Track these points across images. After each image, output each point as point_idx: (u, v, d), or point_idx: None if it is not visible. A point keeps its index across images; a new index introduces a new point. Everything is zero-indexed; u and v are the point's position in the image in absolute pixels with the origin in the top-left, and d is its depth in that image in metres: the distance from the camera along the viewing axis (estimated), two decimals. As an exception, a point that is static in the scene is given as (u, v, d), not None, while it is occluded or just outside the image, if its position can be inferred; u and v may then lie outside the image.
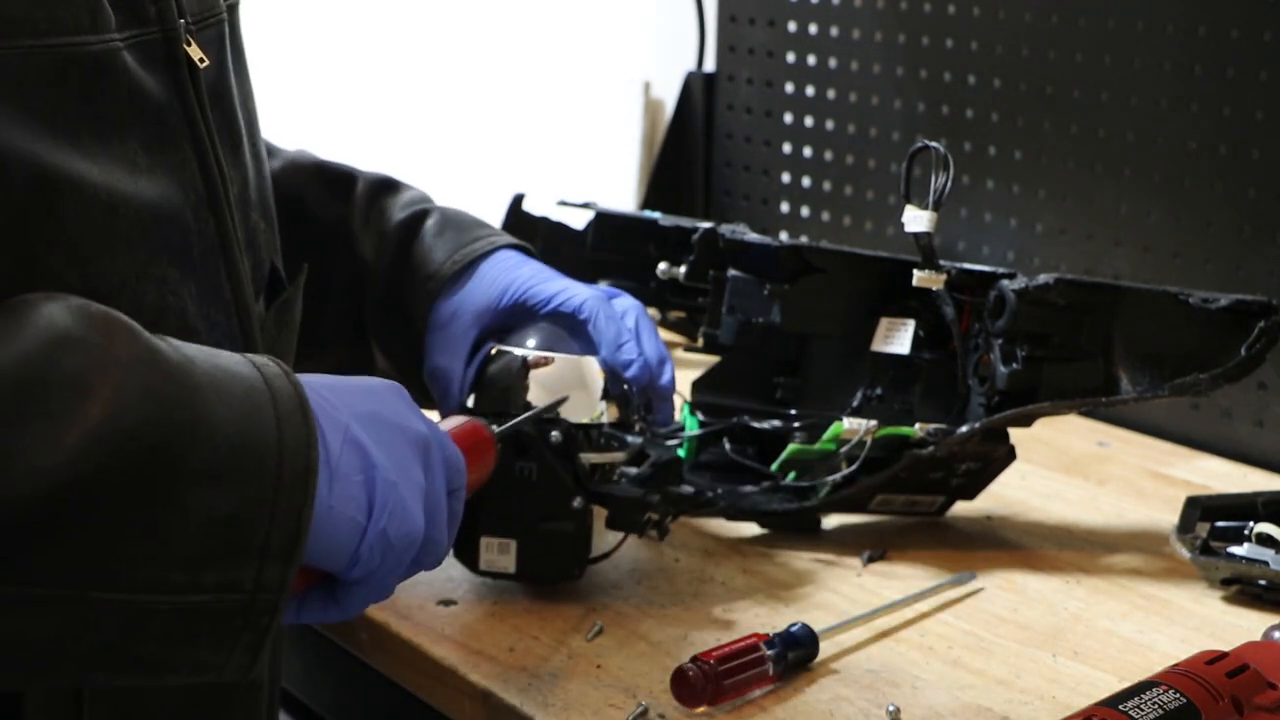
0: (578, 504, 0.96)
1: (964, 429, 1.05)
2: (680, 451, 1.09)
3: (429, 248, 1.02)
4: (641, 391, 1.01)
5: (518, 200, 1.26)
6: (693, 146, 1.73)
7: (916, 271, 1.06)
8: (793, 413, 1.14)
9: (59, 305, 0.63)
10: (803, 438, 1.10)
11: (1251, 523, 1.04)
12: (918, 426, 1.06)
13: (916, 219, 1.03)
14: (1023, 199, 1.44)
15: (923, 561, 1.07)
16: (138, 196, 0.72)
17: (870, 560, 1.07)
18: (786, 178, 1.66)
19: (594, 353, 1.00)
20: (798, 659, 0.90)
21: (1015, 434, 1.10)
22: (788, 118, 1.64)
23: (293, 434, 0.66)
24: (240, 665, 0.66)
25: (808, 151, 1.63)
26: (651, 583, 1.02)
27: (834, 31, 1.57)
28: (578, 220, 1.24)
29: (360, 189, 1.05)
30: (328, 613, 0.72)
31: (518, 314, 1.01)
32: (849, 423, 1.06)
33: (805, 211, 1.64)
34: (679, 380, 1.04)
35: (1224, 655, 0.81)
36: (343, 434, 0.69)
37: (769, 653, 0.88)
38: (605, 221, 1.24)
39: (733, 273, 1.15)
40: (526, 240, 1.10)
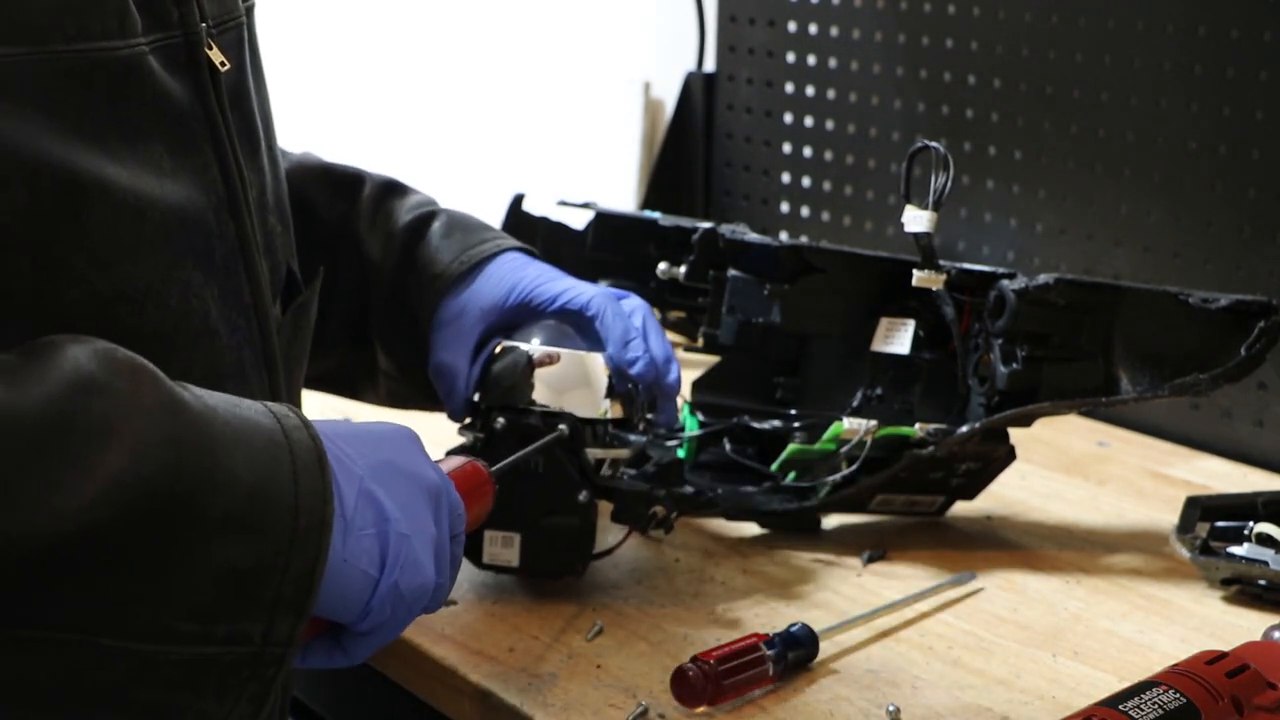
0: (583, 498, 0.96)
1: (964, 429, 1.05)
2: (680, 452, 1.09)
3: (436, 249, 1.03)
4: (647, 389, 1.01)
5: (518, 200, 1.26)
6: (693, 146, 1.73)
7: (916, 271, 1.06)
8: (793, 413, 1.14)
9: (84, 349, 0.63)
10: (803, 438, 1.10)
11: (1251, 523, 1.04)
12: (918, 426, 1.06)
13: (916, 219, 1.03)
14: (1023, 199, 1.44)
15: (923, 561, 1.07)
16: (163, 200, 0.72)
17: (870, 560, 1.07)
18: (786, 178, 1.66)
19: (600, 350, 1.00)
20: (798, 659, 0.90)
21: (1015, 434, 1.10)
22: (788, 118, 1.64)
23: (309, 488, 0.66)
24: (243, 716, 0.65)
25: (808, 151, 1.63)
26: (651, 583, 1.02)
27: (834, 31, 1.57)
28: (578, 220, 1.24)
29: (367, 191, 1.06)
30: (333, 660, 0.72)
31: (523, 313, 1.01)
32: (849, 423, 1.06)
33: (805, 211, 1.64)
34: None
35: (1224, 655, 0.81)
36: (358, 486, 0.70)
37: (769, 653, 0.88)
38: (605, 221, 1.25)
39: (733, 273, 1.15)
40: (527, 240, 1.10)
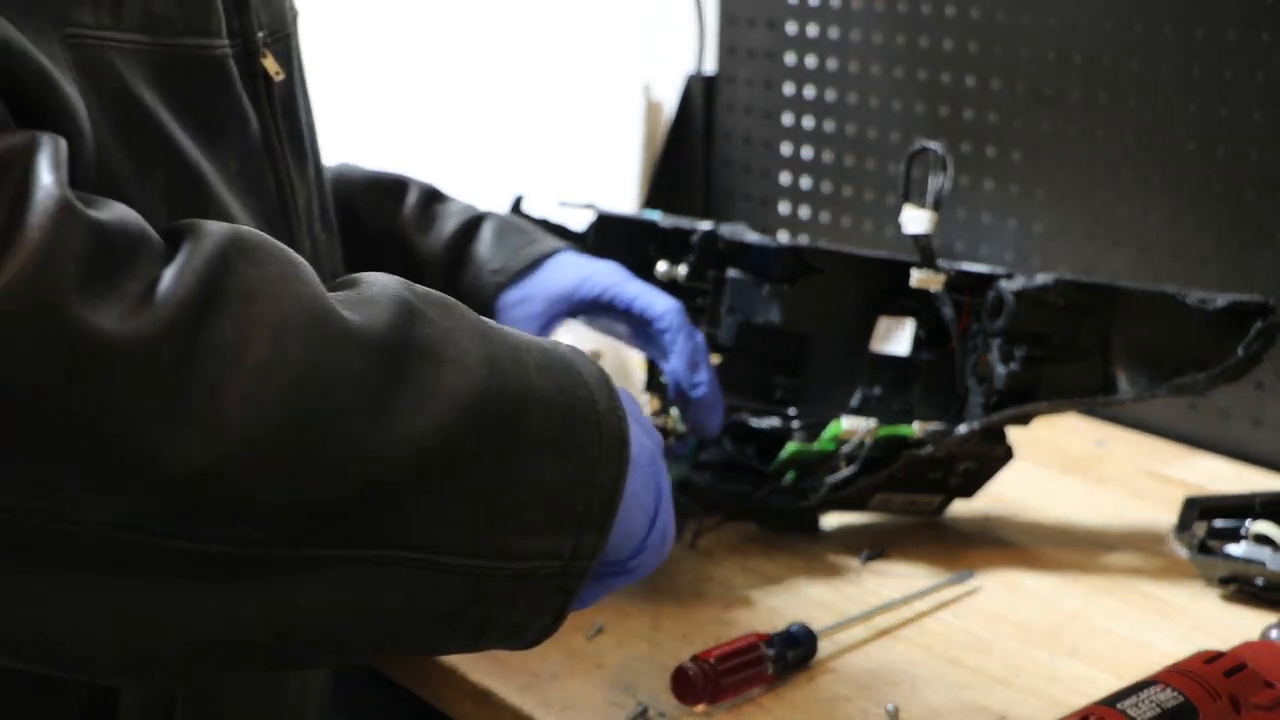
0: None
1: (963, 429, 1.05)
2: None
3: (492, 246, 1.06)
4: (692, 411, 1.05)
5: (518, 201, 1.27)
6: (693, 148, 1.73)
7: (915, 272, 1.06)
8: (792, 412, 1.14)
9: (390, 279, 0.64)
10: (802, 437, 1.11)
11: (1249, 522, 1.04)
12: (917, 426, 1.06)
13: (915, 220, 1.03)
14: (1021, 200, 1.45)
15: (921, 560, 1.08)
16: (235, 203, 0.73)
17: (869, 559, 1.08)
18: (786, 179, 1.66)
19: (639, 347, 1.02)
20: (797, 658, 0.91)
21: (1014, 433, 1.10)
22: (787, 119, 1.64)
23: (607, 406, 0.66)
24: (544, 629, 0.66)
25: (807, 153, 1.63)
26: (651, 582, 1.03)
27: (833, 33, 1.57)
28: (578, 221, 1.24)
29: (413, 196, 1.09)
30: (596, 593, 0.72)
31: (591, 306, 1.05)
32: (848, 422, 1.07)
33: (805, 212, 1.64)
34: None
35: (1222, 654, 0.81)
36: (633, 417, 0.70)
37: (768, 652, 0.89)
38: (606, 222, 1.25)
39: (732, 273, 1.15)
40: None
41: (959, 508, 1.15)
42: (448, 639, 0.64)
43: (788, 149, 1.65)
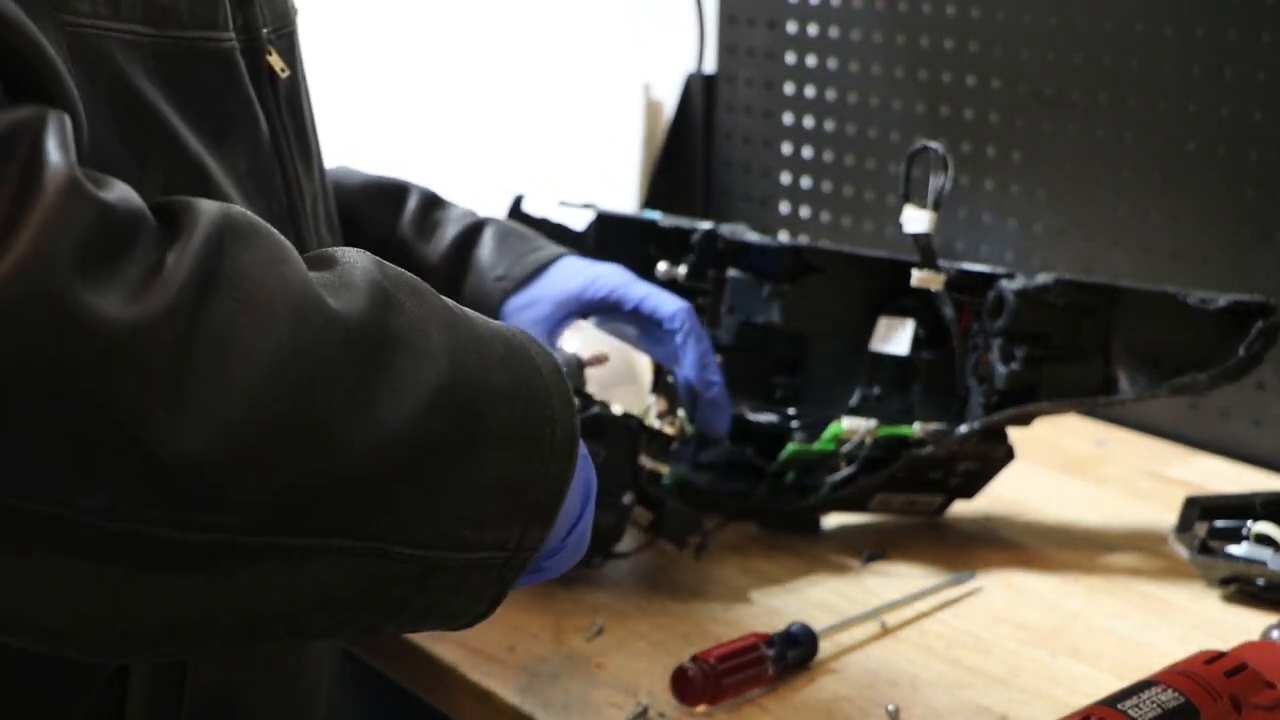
0: (627, 500, 0.97)
1: (963, 429, 1.05)
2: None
3: (494, 253, 1.06)
4: (701, 412, 1.05)
5: (518, 201, 1.26)
6: (693, 147, 1.73)
7: (916, 272, 1.06)
8: (792, 412, 1.14)
9: (363, 258, 0.63)
10: (802, 437, 1.11)
11: (1249, 522, 1.04)
12: (917, 426, 1.06)
13: (916, 219, 1.03)
14: (1021, 199, 1.45)
15: (922, 561, 1.08)
16: (243, 203, 0.73)
17: (870, 559, 1.08)
18: (786, 178, 1.66)
19: (658, 356, 1.04)
20: (797, 658, 0.90)
21: (1014, 433, 1.10)
22: (787, 118, 1.64)
23: (560, 400, 0.66)
24: (479, 614, 0.67)
25: (807, 152, 1.63)
26: (651, 582, 1.03)
27: (833, 33, 1.57)
28: (578, 221, 1.24)
29: (413, 201, 1.09)
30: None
31: (598, 307, 1.05)
32: (848, 422, 1.07)
33: (805, 212, 1.64)
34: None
35: (1222, 654, 0.81)
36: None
37: (769, 652, 0.89)
38: (606, 222, 1.25)
39: (732, 273, 1.15)
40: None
41: (959, 508, 1.15)
42: (390, 621, 0.65)
43: (788, 149, 1.65)
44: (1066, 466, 1.28)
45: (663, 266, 1.20)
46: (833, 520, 1.14)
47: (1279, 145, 1.25)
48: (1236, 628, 0.97)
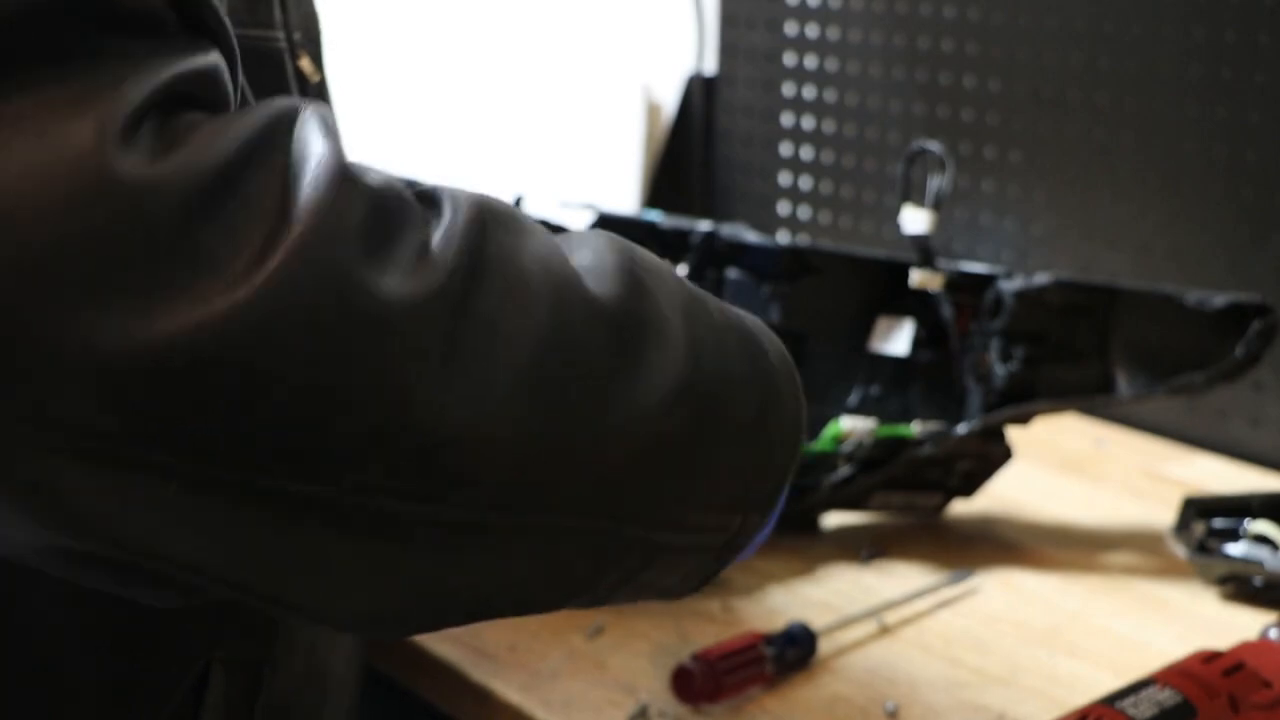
0: None
1: (962, 428, 1.05)
2: None
3: None
4: None
5: (518, 202, 1.27)
6: (693, 148, 1.73)
7: (914, 272, 1.06)
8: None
9: (610, 240, 0.63)
10: (801, 437, 1.11)
11: (1247, 521, 1.05)
12: (916, 426, 1.06)
13: (914, 220, 1.04)
14: (1020, 200, 1.45)
15: (921, 560, 1.08)
16: None
17: (869, 559, 1.08)
18: (786, 179, 1.66)
19: None
20: (796, 657, 0.91)
21: (1013, 433, 1.10)
22: (787, 120, 1.64)
23: (788, 389, 0.67)
24: (690, 589, 0.68)
25: (807, 153, 1.64)
26: (651, 582, 1.03)
27: (833, 34, 1.58)
28: (579, 222, 1.24)
29: None
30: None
31: None
32: (847, 422, 1.07)
33: (804, 213, 1.65)
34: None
35: (1220, 654, 0.81)
36: None
37: (768, 651, 0.89)
38: (606, 223, 1.25)
39: (732, 273, 1.16)
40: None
41: (959, 508, 1.16)
42: (612, 595, 0.65)
43: (788, 149, 1.65)
44: (1065, 466, 1.28)
45: (662, 267, 1.20)
46: (832, 520, 1.14)
47: (1276, 146, 1.25)
48: (1234, 627, 0.97)
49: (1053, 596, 1.03)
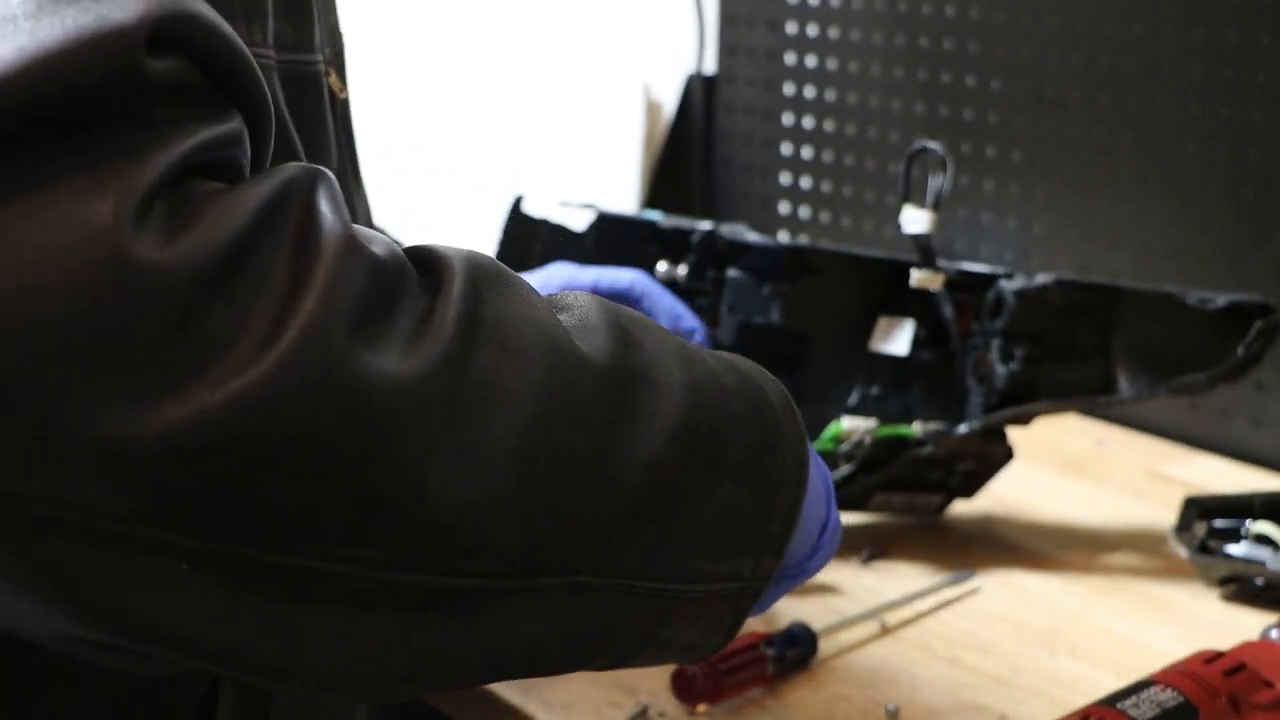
0: None
1: (963, 428, 1.05)
2: None
3: None
4: None
5: (518, 202, 1.27)
6: (693, 148, 1.73)
7: (915, 272, 1.06)
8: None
9: (593, 299, 0.63)
10: (802, 437, 1.11)
11: (1248, 522, 1.04)
12: (916, 426, 1.06)
13: (915, 220, 1.03)
14: (1021, 200, 1.45)
15: (921, 560, 1.08)
16: None
17: (869, 559, 1.08)
18: (786, 178, 1.66)
19: None
20: (797, 658, 0.91)
21: (1014, 433, 1.10)
22: (787, 119, 1.64)
23: (790, 428, 0.66)
24: (716, 645, 0.67)
25: (807, 153, 1.63)
26: (651, 582, 1.03)
27: (833, 33, 1.58)
28: (579, 222, 1.24)
29: None
30: (770, 599, 0.72)
31: None
32: (848, 422, 1.07)
33: (805, 212, 1.65)
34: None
35: (1221, 654, 0.81)
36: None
37: (768, 651, 0.89)
38: (606, 223, 1.25)
39: (732, 273, 1.16)
40: (527, 243, 1.11)
41: (959, 508, 1.16)
42: (633, 656, 0.65)
43: (788, 149, 1.65)
44: (1066, 466, 1.28)
45: (663, 267, 1.20)
46: (832, 520, 1.14)
47: (1277, 146, 1.25)
48: (1235, 627, 0.97)
49: (1054, 597, 1.03)
